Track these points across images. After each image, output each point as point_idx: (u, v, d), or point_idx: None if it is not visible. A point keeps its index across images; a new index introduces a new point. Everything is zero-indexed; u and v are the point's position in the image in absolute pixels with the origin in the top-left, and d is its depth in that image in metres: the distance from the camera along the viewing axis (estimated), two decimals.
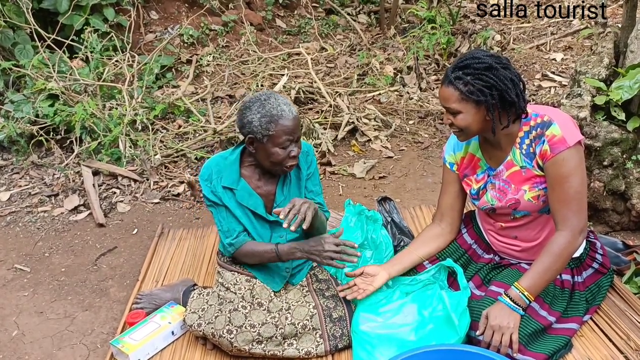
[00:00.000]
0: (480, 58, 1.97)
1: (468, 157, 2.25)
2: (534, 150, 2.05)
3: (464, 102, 1.98)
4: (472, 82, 1.95)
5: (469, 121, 2.01)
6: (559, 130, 1.98)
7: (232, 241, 2.31)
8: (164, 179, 3.76)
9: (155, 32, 5.53)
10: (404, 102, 4.60)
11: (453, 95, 1.99)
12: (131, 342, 2.25)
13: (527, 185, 2.08)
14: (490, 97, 1.95)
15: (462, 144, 2.24)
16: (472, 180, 2.24)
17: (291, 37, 6.05)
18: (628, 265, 2.48)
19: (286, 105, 2.17)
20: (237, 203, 2.30)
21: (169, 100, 4.41)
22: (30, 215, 3.47)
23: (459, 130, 2.06)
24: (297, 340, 2.17)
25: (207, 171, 2.32)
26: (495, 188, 2.16)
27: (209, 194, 2.31)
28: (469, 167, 2.25)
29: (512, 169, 2.11)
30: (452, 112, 2.02)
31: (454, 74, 1.98)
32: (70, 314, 2.64)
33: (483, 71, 1.95)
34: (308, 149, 2.42)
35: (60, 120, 3.84)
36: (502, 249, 2.30)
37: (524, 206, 2.10)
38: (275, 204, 2.32)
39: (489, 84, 1.94)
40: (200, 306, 2.24)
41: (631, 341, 2.11)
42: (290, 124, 2.15)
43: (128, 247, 3.13)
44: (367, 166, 3.79)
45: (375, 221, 2.63)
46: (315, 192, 2.43)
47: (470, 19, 6.25)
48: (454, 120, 2.03)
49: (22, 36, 4.41)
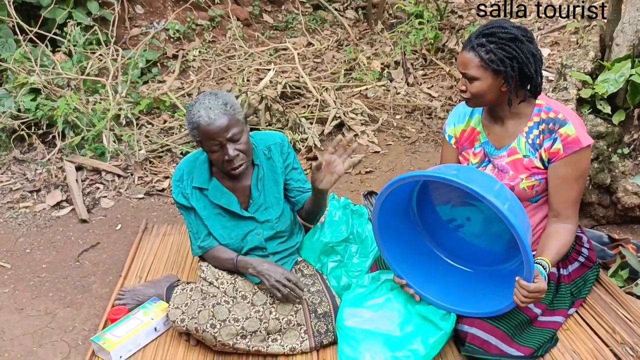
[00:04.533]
0: (507, 28, 1.96)
1: (469, 131, 2.23)
2: (540, 143, 2.04)
3: (482, 69, 1.96)
4: (495, 51, 1.94)
5: (483, 89, 1.99)
6: (573, 130, 1.98)
7: (201, 244, 2.33)
8: (149, 174, 3.71)
9: (141, 26, 5.47)
10: (391, 97, 4.58)
11: (473, 61, 1.97)
12: (113, 338, 2.21)
13: (525, 174, 2.08)
14: (510, 68, 1.94)
15: (465, 117, 2.23)
16: (469, 153, 2.23)
17: (278, 32, 6.01)
18: (614, 259, 2.48)
19: (208, 109, 2.07)
20: (208, 203, 2.29)
21: (155, 95, 4.36)
22: (12, 210, 3.42)
23: (470, 96, 2.03)
24: (281, 336, 2.15)
25: (179, 172, 2.31)
26: (494, 170, 2.14)
27: (178, 197, 2.31)
28: (467, 141, 2.23)
29: (515, 156, 2.10)
30: (468, 78, 2.01)
31: (477, 40, 1.96)
32: (51, 311, 2.60)
33: (507, 41, 1.93)
34: (282, 140, 2.38)
35: (43, 114, 3.78)
36: None
37: (516, 193, 2.08)
38: (252, 200, 2.30)
39: (511, 55, 1.93)
40: (184, 301, 2.22)
41: (617, 334, 2.10)
42: (212, 128, 2.07)
43: (111, 243, 3.08)
44: (354, 161, 3.77)
45: (360, 215, 2.61)
46: (302, 179, 2.41)
47: (458, 14, 6.25)
48: (469, 87, 2.01)
49: (4, 30, 4.34)
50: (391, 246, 2.16)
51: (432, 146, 3.96)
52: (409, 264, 2.17)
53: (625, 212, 2.82)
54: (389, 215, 2.12)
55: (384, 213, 2.10)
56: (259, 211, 2.32)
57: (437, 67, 5.10)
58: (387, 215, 2.12)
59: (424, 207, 2.26)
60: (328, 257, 2.46)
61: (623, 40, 2.69)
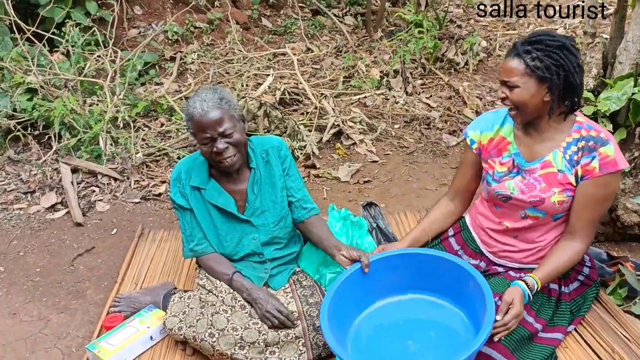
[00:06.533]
0: (554, 36, 1.95)
1: (498, 139, 2.19)
2: (578, 159, 2.02)
3: (526, 76, 1.94)
4: (541, 58, 1.92)
5: (525, 98, 1.96)
6: (613, 151, 1.98)
7: (194, 247, 2.32)
8: (145, 178, 3.68)
9: (139, 27, 5.43)
10: (390, 106, 4.58)
11: (517, 68, 1.95)
12: (108, 347, 2.19)
13: (559, 189, 2.05)
14: (556, 76, 1.92)
15: (494, 126, 2.20)
16: (495, 162, 2.19)
17: (277, 37, 6.00)
18: (612, 277, 2.47)
19: (202, 101, 2.11)
20: (205, 204, 2.28)
21: (152, 97, 4.33)
22: (5, 212, 3.37)
23: (514, 108, 2.01)
24: (279, 349, 2.12)
25: (177, 172, 2.32)
26: (524, 181, 2.11)
27: (176, 196, 2.30)
28: (495, 149, 2.20)
29: (548, 169, 2.07)
30: (509, 86, 1.98)
31: (523, 47, 1.95)
32: (45, 316, 2.56)
33: (555, 49, 1.92)
34: (280, 144, 2.37)
35: (39, 115, 3.75)
36: (496, 250, 2.26)
37: (545, 206, 2.07)
38: (248, 203, 2.29)
39: (559, 63, 1.92)
40: (182, 309, 2.20)
41: (615, 354, 2.10)
42: (204, 120, 2.10)
43: (107, 248, 3.05)
44: (352, 170, 3.76)
45: (360, 227, 2.59)
46: (295, 187, 2.38)
47: (457, 24, 6.26)
48: (509, 95, 1.99)
49: (2, 28, 4.30)
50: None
51: (430, 157, 3.96)
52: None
53: (624, 229, 2.82)
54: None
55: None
56: (254, 215, 2.30)
57: (436, 76, 5.10)
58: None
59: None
60: (327, 268, 2.44)
61: (626, 59, 2.70)
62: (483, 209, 2.30)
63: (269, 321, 2.13)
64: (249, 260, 2.35)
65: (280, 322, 2.12)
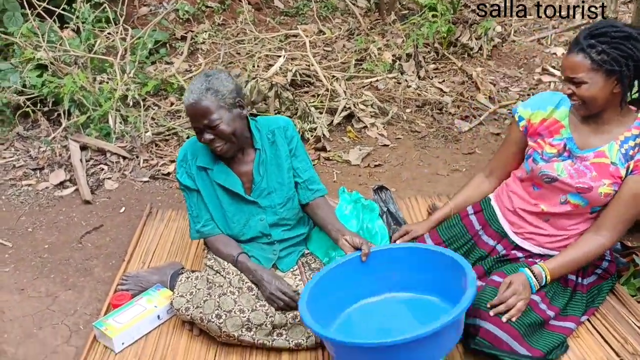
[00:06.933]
0: (618, 26, 1.89)
1: (550, 121, 2.13)
2: (633, 155, 1.98)
3: (593, 72, 1.89)
4: (607, 51, 1.86)
5: (593, 93, 1.91)
6: None
7: (201, 229, 2.30)
8: (154, 157, 3.65)
9: (150, 5, 5.38)
10: (402, 89, 4.51)
11: (582, 64, 1.89)
12: (115, 324, 2.18)
13: (609, 181, 2.01)
14: (625, 67, 1.87)
15: (548, 106, 2.13)
16: (545, 142, 2.13)
17: (289, 18, 5.92)
18: (626, 267, 2.44)
19: (190, 92, 2.11)
20: (212, 184, 2.26)
21: (162, 76, 4.29)
22: (14, 188, 3.36)
23: (581, 103, 1.96)
24: (286, 331, 2.11)
25: (183, 152, 2.31)
26: (574, 166, 2.06)
27: (182, 176, 2.29)
28: (546, 130, 2.14)
29: (601, 159, 2.02)
30: (575, 82, 1.93)
31: (586, 41, 1.89)
32: (53, 293, 2.56)
33: (621, 40, 1.86)
34: (286, 124, 2.34)
35: (49, 91, 3.72)
36: (523, 231, 2.20)
37: (590, 195, 2.03)
38: (254, 184, 2.27)
39: (626, 54, 1.86)
40: (189, 290, 2.19)
41: (628, 344, 2.07)
42: (189, 111, 2.13)
43: (114, 226, 3.03)
44: (363, 153, 3.72)
45: (372, 210, 2.56)
46: (302, 168, 2.34)
47: (471, 8, 6.16)
48: (577, 91, 1.94)
49: (12, 3, 4.26)
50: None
51: (441, 142, 3.91)
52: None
53: (638, 220, 2.77)
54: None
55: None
56: (261, 196, 2.28)
57: (449, 61, 5.03)
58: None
59: None
60: (336, 251, 2.41)
61: None
62: (517, 188, 2.23)
63: (275, 303, 2.11)
64: (258, 242, 2.33)
65: (285, 303, 2.10)
